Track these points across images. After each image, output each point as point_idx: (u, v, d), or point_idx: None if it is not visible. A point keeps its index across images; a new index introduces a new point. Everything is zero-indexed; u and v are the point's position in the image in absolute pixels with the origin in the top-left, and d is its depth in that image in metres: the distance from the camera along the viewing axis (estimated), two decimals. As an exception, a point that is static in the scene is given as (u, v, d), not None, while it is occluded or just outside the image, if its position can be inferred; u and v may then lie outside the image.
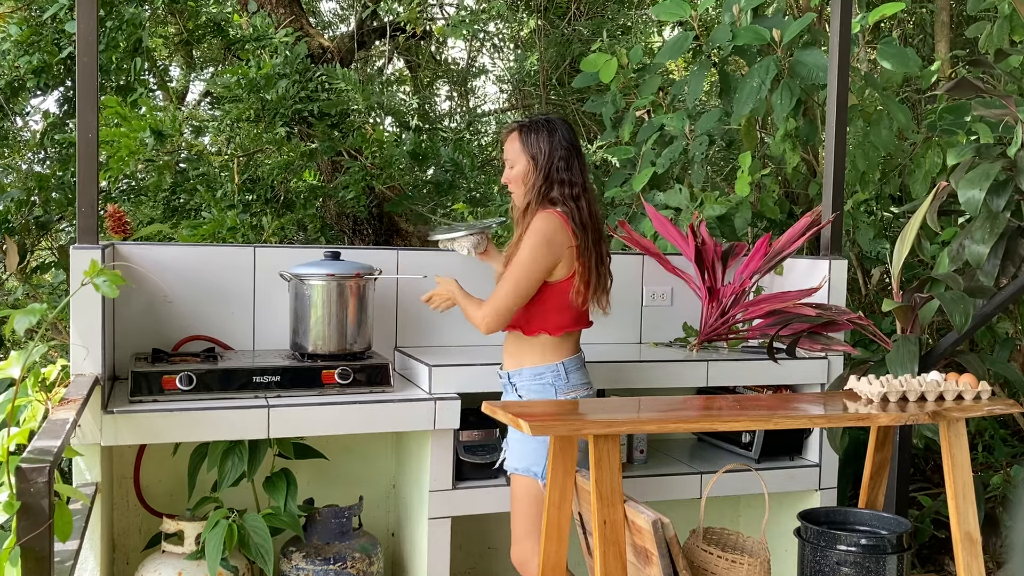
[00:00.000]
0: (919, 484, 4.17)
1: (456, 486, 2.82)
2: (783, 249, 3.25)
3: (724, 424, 2.35)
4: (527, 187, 2.57)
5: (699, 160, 4.16)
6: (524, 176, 2.57)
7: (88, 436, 2.39)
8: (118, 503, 2.94)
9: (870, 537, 2.41)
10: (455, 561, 3.08)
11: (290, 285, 2.89)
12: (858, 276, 4.58)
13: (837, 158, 3.40)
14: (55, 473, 1.67)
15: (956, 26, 5.68)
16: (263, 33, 5.20)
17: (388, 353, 3.16)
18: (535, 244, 2.49)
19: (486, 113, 7.80)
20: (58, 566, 1.83)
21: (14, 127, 5.54)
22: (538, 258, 2.49)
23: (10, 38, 4.76)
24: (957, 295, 2.90)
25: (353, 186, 5.03)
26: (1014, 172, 3.01)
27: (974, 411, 2.42)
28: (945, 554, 3.82)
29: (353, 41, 6.55)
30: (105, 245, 2.64)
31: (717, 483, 2.49)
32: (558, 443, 2.27)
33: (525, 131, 2.58)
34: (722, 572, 2.32)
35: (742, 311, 3.23)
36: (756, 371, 3.18)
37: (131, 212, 4.98)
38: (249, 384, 2.66)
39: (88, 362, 2.51)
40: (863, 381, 2.46)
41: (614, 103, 4.52)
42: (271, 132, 4.88)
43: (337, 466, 3.12)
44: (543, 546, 2.34)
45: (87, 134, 2.57)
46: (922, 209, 3.19)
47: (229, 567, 2.60)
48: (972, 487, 2.43)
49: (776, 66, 3.84)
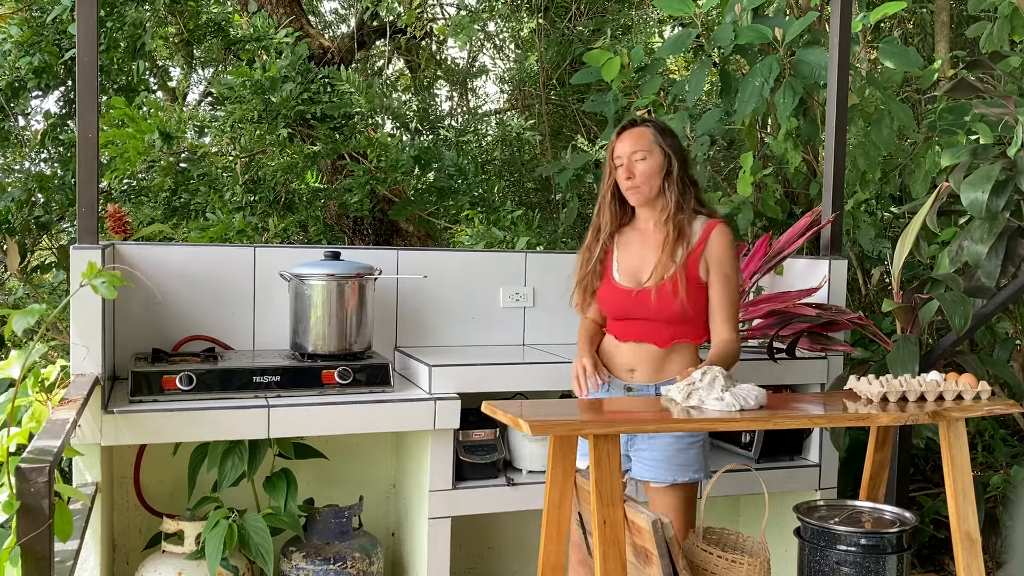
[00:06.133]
0: (919, 484, 4.17)
1: (456, 486, 2.82)
2: (783, 249, 3.26)
3: (724, 424, 2.35)
4: (667, 181, 2.58)
5: (701, 160, 4.16)
6: (659, 170, 2.57)
7: (88, 436, 2.39)
8: (118, 503, 2.94)
9: (870, 537, 2.40)
10: (455, 561, 3.08)
11: (290, 285, 2.89)
12: (858, 276, 4.58)
13: (837, 158, 3.40)
14: (55, 473, 1.67)
15: (956, 26, 5.68)
16: (263, 33, 5.20)
17: (388, 353, 3.16)
18: (735, 249, 2.60)
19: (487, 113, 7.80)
20: (58, 566, 1.83)
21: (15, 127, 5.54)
22: (739, 264, 2.61)
23: (11, 39, 4.76)
24: (957, 296, 2.90)
25: (357, 189, 5.03)
26: (1014, 172, 3.01)
27: (974, 411, 2.42)
28: (945, 554, 3.82)
29: (353, 41, 6.55)
30: (105, 245, 2.64)
31: (717, 483, 2.49)
32: (558, 443, 2.27)
33: (658, 128, 2.61)
34: (722, 572, 2.32)
35: (742, 311, 3.23)
36: (756, 371, 3.18)
37: (132, 212, 4.98)
38: (249, 384, 2.66)
39: (88, 362, 2.51)
40: (863, 381, 2.46)
41: (615, 102, 4.52)
42: (273, 134, 4.88)
43: (337, 466, 3.13)
44: (543, 546, 2.34)
45: (87, 134, 2.57)
46: (923, 210, 3.19)
47: (229, 567, 2.60)
48: (972, 487, 2.42)
49: (779, 65, 3.84)
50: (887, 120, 4.00)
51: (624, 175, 2.57)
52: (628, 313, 2.58)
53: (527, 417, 2.11)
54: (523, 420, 2.08)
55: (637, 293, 2.56)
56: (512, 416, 2.15)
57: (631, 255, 2.63)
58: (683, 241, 2.54)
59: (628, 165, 2.57)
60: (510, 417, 2.16)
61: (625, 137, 2.60)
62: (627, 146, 2.58)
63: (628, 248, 2.64)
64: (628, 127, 2.63)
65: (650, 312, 2.54)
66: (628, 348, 2.59)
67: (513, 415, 2.15)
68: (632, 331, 2.58)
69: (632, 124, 2.63)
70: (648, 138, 2.57)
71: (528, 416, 2.12)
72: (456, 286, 3.26)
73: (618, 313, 2.61)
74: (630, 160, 2.56)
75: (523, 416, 2.11)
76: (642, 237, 2.63)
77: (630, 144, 2.57)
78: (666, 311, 2.52)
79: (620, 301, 2.59)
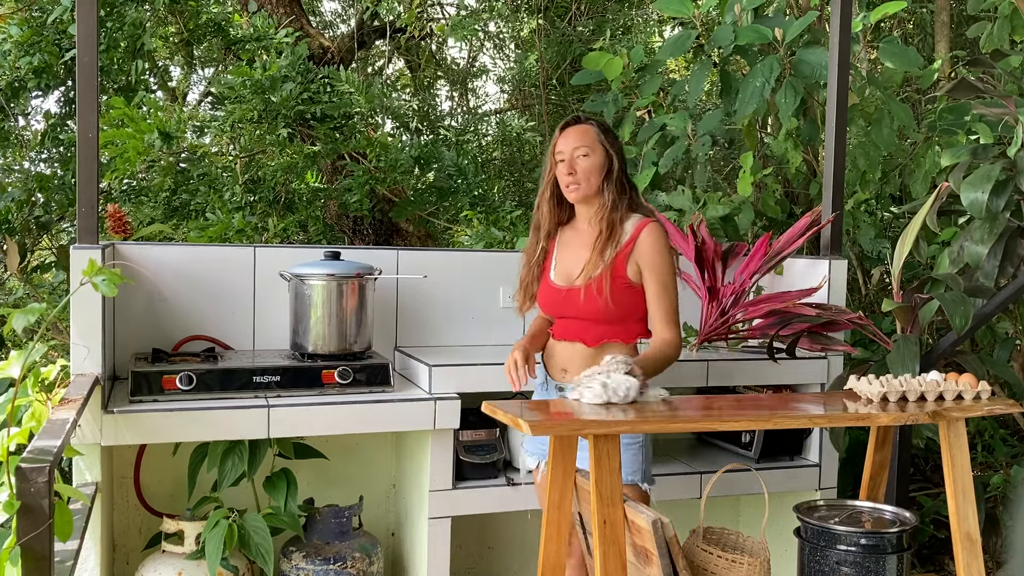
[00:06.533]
0: (919, 484, 4.17)
1: (456, 486, 2.82)
2: (783, 249, 3.25)
3: (724, 424, 2.35)
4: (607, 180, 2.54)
5: (702, 161, 4.15)
6: (600, 168, 2.54)
7: (88, 436, 2.39)
8: (118, 503, 2.94)
9: (870, 537, 2.41)
10: (455, 561, 3.08)
11: (290, 285, 2.89)
12: (858, 276, 4.58)
13: (837, 158, 3.40)
14: (55, 473, 1.67)
15: (956, 26, 5.68)
16: (263, 33, 5.20)
17: (388, 353, 3.16)
18: (669, 248, 2.53)
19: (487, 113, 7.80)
20: (58, 566, 1.83)
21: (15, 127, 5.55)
22: (674, 263, 2.54)
23: (11, 39, 4.77)
24: (957, 296, 2.90)
25: (357, 189, 5.03)
26: (1014, 172, 3.01)
27: (974, 411, 2.42)
28: (945, 554, 3.82)
29: (353, 41, 6.55)
30: (105, 245, 2.64)
31: (717, 483, 2.49)
32: (558, 443, 2.27)
33: (601, 127, 2.57)
34: (722, 572, 2.32)
35: (742, 311, 3.22)
36: (756, 371, 3.18)
37: (132, 212, 4.99)
38: (249, 384, 2.66)
39: (88, 362, 2.51)
40: (863, 381, 2.46)
41: (615, 103, 4.53)
42: (273, 134, 4.88)
43: (337, 466, 3.12)
44: (543, 546, 2.34)
45: (87, 134, 2.57)
46: (923, 210, 3.19)
47: (229, 567, 2.60)
48: (972, 487, 2.42)
49: (779, 65, 3.84)
50: (887, 120, 4.00)
51: (565, 171, 2.53)
52: (561, 312, 2.58)
53: (527, 417, 2.11)
54: (523, 420, 2.08)
55: (567, 292, 2.55)
56: (512, 416, 2.15)
57: (568, 254, 2.62)
58: (613, 240, 2.52)
59: (570, 161, 2.53)
60: (510, 417, 2.16)
61: (569, 133, 2.56)
62: (570, 142, 2.54)
63: (566, 247, 2.63)
64: (572, 123, 2.58)
65: (579, 311, 2.52)
66: (562, 347, 2.60)
67: (513, 415, 2.14)
68: (564, 330, 2.59)
69: (576, 121, 2.59)
70: (592, 135, 2.54)
71: (528, 416, 2.12)
72: (456, 286, 3.26)
73: (552, 312, 2.63)
74: (572, 156, 2.53)
75: (523, 416, 2.11)
76: (579, 236, 2.61)
77: (573, 140, 2.54)
78: (592, 310, 2.50)
79: (553, 300, 2.60)
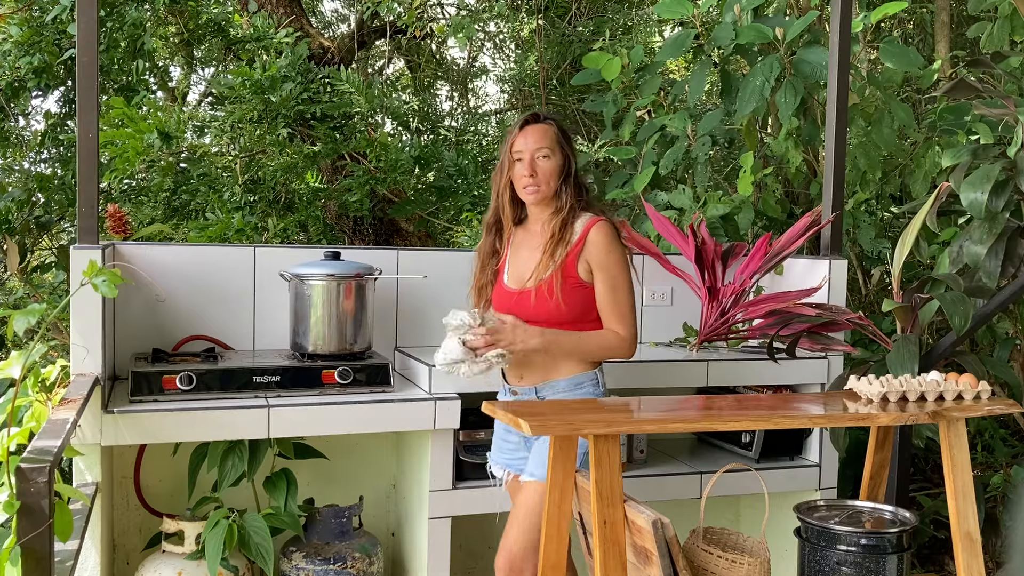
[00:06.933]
0: (919, 484, 4.17)
1: (456, 486, 2.82)
2: (783, 249, 3.25)
3: (724, 424, 2.35)
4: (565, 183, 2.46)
5: (702, 161, 4.15)
6: (560, 171, 2.46)
7: (88, 436, 2.39)
8: (118, 503, 2.94)
9: (870, 537, 2.41)
10: (455, 561, 3.08)
11: (290, 285, 2.89)
12: (858, 276, 4.58)
13: (837, 157, 3.40)
14: (55, 473, 1.68)
15: (956, 26, 5.68)
16: (263, 33, 5.20)
17: (388, 353, 3.16)
18: (620, 246, 2.44)
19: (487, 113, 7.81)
20: (58, 566, 1.83)
21: (15, 127, 5.55)
22: (626, 261, 2.45)
23: (11, 39, 4.77)
24: (957, 296, 2.90)
25: (357, 189, 5.03)
26: (1014, 172, 3.01)
27: (974, 411, 2.42)
28: (945, 554, 3.82)
29: (353, 41, 6.55)
30: (105, 245, 2.64)
31: (717, 483, 2.49)
32: (558, 443, 2.27)
33: (560, 127, 2.49)
34: (722, 572, 2.32)
35: (742, 311, 3.22)
36: (756, 371, 3.18)
37: (132, 212, 4.99)
38: (249, 384, 2.66)
39: (88, 362, 2.51)
40: (863, 381, 2.46)
41: (615, 103, 4.53)
42: (273, 134, 4.88)
43: (337, 466, 3.12)
44: (543, 546, 2.34)
45: (87, 134, 2.57)
46: (923, 210, 3.19)
47: (229, 567, 2.60)
48: (972, 487, 2.42)
49: (779, 65, 3.84)
50: (887, 120, 4.00)
51: (526, 171, 2.44)
52: (514, 315, 2.46)
53: (527, 417, 2.11)
54: (523, 420, 2.09)
55: (519, 294, 2.49)
56: (512, 416, 2.15)
57: (520, 257, 2.55)
58: (564, 241, 2.44)
59: (530, 162, 2.44)
60: (510, 417, 2.16)
61: (529, 132, 2.46)
62: (531, 142, 2.44)
63: (518, 249, 2.57)
64: (531, 121, 2.48)
65: (531, 313, 2.45)
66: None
67: (513, 415, 2.15)
68: None
69: (536, 119, 2.49)
70: (552, 136, 2.45)
71: (528, 416, 2.12)
72: (456, 286, 3.26)
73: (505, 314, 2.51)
74: (532, 157, 2.44)
75: (523, 416, 2.11)
76: (531, 238, 2.54)
77: (535, 140, 2.44)
78: (544, 312, 2.43)
79: (505, 303, 2.52)
